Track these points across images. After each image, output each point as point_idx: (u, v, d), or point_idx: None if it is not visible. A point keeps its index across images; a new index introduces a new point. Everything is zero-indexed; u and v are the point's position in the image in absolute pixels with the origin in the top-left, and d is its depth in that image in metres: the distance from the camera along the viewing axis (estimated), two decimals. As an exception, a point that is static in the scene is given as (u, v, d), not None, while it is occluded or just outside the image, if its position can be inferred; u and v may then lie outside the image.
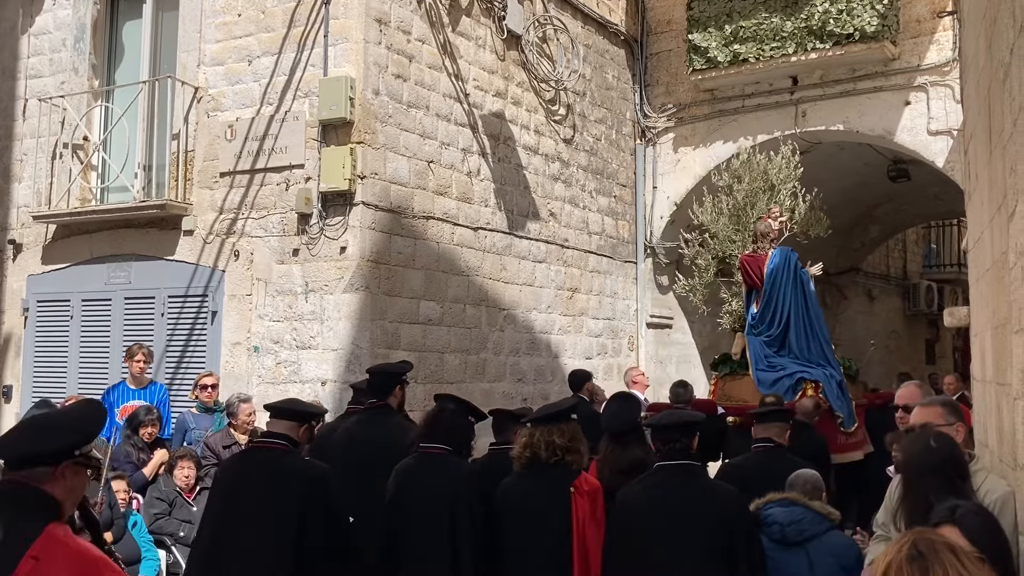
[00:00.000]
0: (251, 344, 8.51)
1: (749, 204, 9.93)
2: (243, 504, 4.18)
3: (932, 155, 11.07)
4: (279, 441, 4.29)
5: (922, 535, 1.99)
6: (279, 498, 4.13)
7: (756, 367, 8.37)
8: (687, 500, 3.95)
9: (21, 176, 9.91)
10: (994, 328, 3.95)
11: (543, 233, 10.69)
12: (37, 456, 2.58)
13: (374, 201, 8.32)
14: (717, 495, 4.03)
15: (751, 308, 8.65)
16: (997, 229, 3.74)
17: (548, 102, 10.96)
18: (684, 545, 3.83)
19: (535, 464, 4.32)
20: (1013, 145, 3.18)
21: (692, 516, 3.88)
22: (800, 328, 8.41)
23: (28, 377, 9.64)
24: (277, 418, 4.40)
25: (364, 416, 5.54)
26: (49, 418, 2.99)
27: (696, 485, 4.06)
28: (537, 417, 4.53)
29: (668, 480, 4.04)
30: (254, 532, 4.09)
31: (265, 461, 4.30)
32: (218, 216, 8.77)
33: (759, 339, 8.46)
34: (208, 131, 8.90)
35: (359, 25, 8.31)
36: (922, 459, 3.19)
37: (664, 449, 4.13)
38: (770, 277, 8.41)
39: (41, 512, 2.54)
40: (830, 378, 8.24)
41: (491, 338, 9.75)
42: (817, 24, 11.05)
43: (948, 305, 18.36)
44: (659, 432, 4.19)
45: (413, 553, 4.41)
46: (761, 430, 5.24)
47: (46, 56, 9.91)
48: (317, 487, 4.21)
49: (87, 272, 9.36)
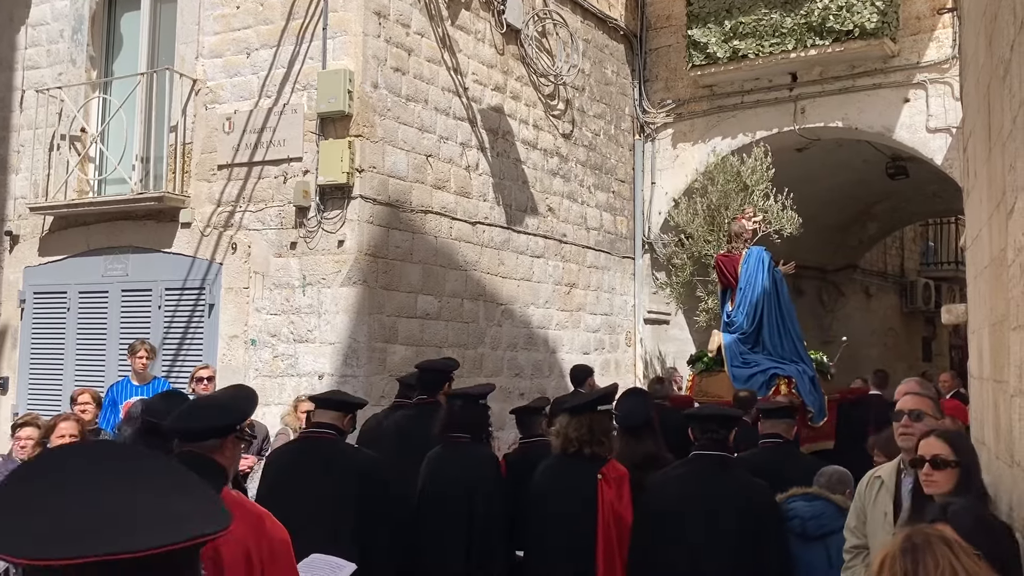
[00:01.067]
0: (248, 337, 8.50)
1: (723, 205, 10.12)
2: (296, 491, 4.30)
3: (931, 152, 11.07)
4: (327, 431, 4.48)
5: (918, 529, 2.00)
6: (331, 484, 4.29)
7: (731, 364, 8.65)
8: (720, 489, 4.12)
9: (18, 167, 9.89)
10: (992, 325, 3.95)
11: (541, 228, 10.69)
12: (209, 431, 3.00)
13: (372, 195, 8.31)
14: (749, 487, 4.18)
15: (726, 306, 8.94)
16: (995, 226, 3.74)
17: (547, 97, 10.94)
18: (715, 531, 4.01)
19: (567, 451, 4.55)
20: (1013, 142, 3.17)
21: (724, 505, 4.06)
22: (773, 326, 8.70)
23: (25, 369, 9.63)
24: (324, 408, 4.59)
25: (413, 411, 5.75)
26: (213, 399, 3.55)
27: (729, 476, 4.21)
28: (568, 408, 4.74)
29: (703, 469, 4.21)
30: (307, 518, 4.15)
31: (315, 449, 4.46)
32: (216, 209, 8.75)
33: (734, 336, 8.75)
34: (206, 123, 8.88)
35: (358, 18, 8.29)
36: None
37: (703, 439, 4.28)
38: (744, 276, 8.69)
39: (214, 477, 2.86)
40: (802, 374, 8.53)
41: (489, 333, 9.74)
42: (817, 20, 11.04)
43: (945, 303, 18.38)
44: (699, 422, 4.36)
45: (434, 534, 4.75)
46: (768, 426, 5.34)
47: (43, 47, 9.88)
48: (367, 473, 4.40)
49: (84, 264, 9.35)
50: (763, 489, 4.21)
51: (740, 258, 8.80)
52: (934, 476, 3.20)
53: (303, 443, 4.72)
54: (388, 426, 5.79)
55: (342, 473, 4.33)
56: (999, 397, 3.67)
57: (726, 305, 8.96)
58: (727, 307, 8.91)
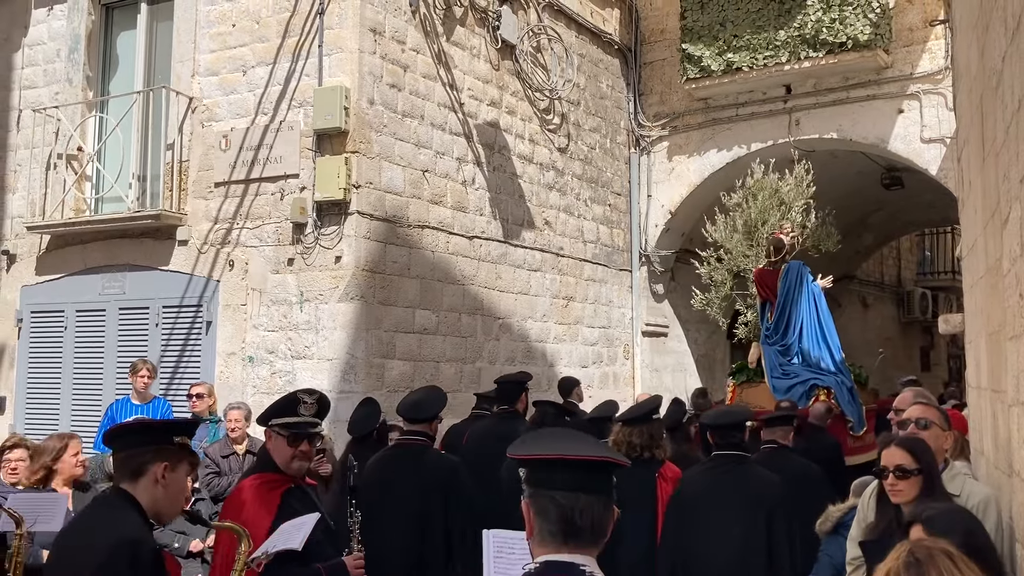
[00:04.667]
0: (246, 354, 8.49)
1: (761, 221, 10.25)
2: (393, 492, 4.82)
3: (925, 163, 11.11)
4: (419, 438, 5.02)
5: (919, 543, 2.01)
6: (422, 485, 4.82)
7: (771, 375, 8.84)
8: (738, 482, 4.80)
9: (15, 187, 9.89)
10: (989, 335, 3.96)
11: (538, 242, 10.70)
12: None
13: (369, 210, 8.32)
14: (762, 480, 4.83)
15: (765, 319, 9.14)
16: (991, 236, 3.75)
17: (542, 111, 10.98)
18: (734, 517, 4.67)
19: (629, 456, 5.05)
20: (1006, 152, 3.19)
21: (741, 495, 4.73)
22: (812, 338, 8.87)
23: (22, 388, 9.60)
24: (413, 422, 5.09)
25: (495, 419, 6.63)
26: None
27: (746, 471, 4.88)
28: (625, 419, 5.45)
29: (724, 466, 4.90)
30: (402, 516, 4.78)
31: (407, 456, 4.99)
32: (213, 226, 8.75)
33: (774, 348, 8.93)
34: (203, 141, 8.90)
35: (353, 35, 8.32)
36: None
37: (721, 443, 4.96)
38: (783, 290, 8.91)
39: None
40: (841, 384, 8.63)
41: (486, 347, 9.74)
42: (810, 33, 11.10)
43: (942, 312, 18.40)
44: (716, 429, 5.03)
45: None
46: (768, 433, 5.86)
47: (40, 67, 9.90)
48: (453, 474, 4.93)
49: (81, 282, 9.34)
50: (773, 480, 4.80)
51: (779, 272, 9.01)
52: (899, 485, 3.30)
53: (394, 450, 5.24)
54: (477, 431, 6.59)
55: (432, 471, 4.89)
56: (997, 407, 3.67)
57: (765, 318, 9.17)
58: (766, 320, 9.13)
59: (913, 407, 3.88)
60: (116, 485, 2.97)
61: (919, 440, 3.46)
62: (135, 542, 2.77)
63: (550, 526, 1.94)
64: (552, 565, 1.92)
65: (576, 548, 1.94)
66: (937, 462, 3.49)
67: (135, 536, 2.80)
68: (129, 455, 2.93)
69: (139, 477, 2.90)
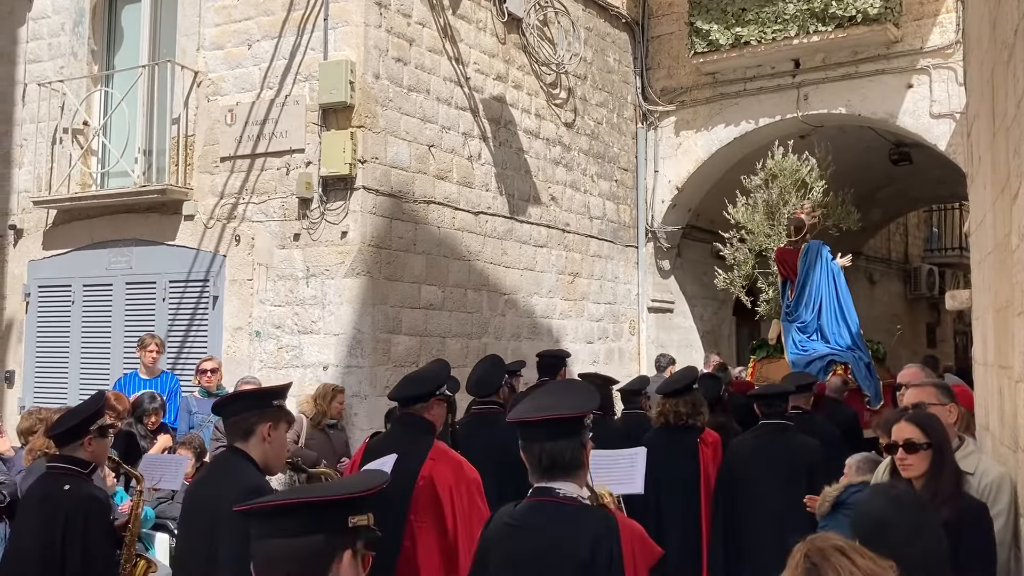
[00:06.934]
0: (252, 329, 8.52)
1: (782, 201, 10.46)
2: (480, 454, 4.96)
3: (934, 138, 11.03)
4: (492, 406, 5.46)
5: (812, 544, 2.06)
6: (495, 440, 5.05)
7: (791, 351, 9.10)
8: (782, 447, 5.45)
9: (21, 161, 9.89)
10: (996, 311, 3.95)
11: (544, 217, 10.68)
12: (417, 397, 4.07)
13: (375, 185, 8.30)
14: (804, 445, 5.46)
15: (786, 297, 9.42)
16: (1000, 211, 3.73)
17: (549, 86, 10.92)
18: (778, 477, 5.30)
19: (668, 425, 5.87)
20: (1017, 127, 3.16)
21: (785, 458, 5.37)
22: (831, 315, 9.11)
23: (30, 362, 9.65)
24: (482, 396, 5.56)
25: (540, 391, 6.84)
26: (417, 373, 4.56)
27: (789, 437, 5.51)
28: (668, 391, 6.01)
29: (769, 433, 5.55)
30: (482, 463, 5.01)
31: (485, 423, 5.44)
32: (219, 201, 8.75)
33: (794, 325, 9.19)
34: (208, 115, 8.87)
35: (359, 8, 8.27)
36: None
37: (767, 412, 5.58)
38: (803, 268, 9.16)
39: (426, 431, 4.04)
40: (859, 360, 8.86)
41: (492, 323, 9.75)
42: (819, 6, 10.99)
43: (950, 289, 18.34)
44: (762, 399, 5.70)
45: None
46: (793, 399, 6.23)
47: (45, 41, 9.87)
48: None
49: (88, 257, 9.36)
50: (813, 445, 5.44)
51: (799, 251, 9.22)
52: (908, 460, 3.31)
53: (478, 416, 5.64)
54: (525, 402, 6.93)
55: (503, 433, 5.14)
56: (1003, 383, 3.67)
57: (786, 296, 9.42)
58: (787, 298, 9.39)
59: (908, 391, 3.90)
60: (231, 445, 3.39)
61: (931, 415, 3.46)
62: (261, 487, 3.20)
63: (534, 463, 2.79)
64: (539, 490, 2.77)
65: (553, 478, 2.76)
66: (950, 438, 3.49)
67: (260, 483, 3.27)
68: (238, 419, 3.36)
69: (249, 436, 3.33)
